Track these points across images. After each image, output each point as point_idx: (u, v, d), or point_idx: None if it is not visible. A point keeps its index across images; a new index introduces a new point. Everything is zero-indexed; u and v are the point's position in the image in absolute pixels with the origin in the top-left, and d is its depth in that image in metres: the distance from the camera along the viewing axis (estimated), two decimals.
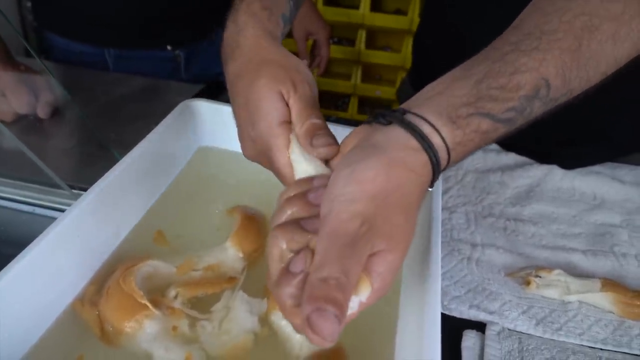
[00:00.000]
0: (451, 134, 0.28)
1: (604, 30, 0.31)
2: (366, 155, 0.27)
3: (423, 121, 0.28)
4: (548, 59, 0.30)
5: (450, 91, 0.29)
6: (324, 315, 0.22)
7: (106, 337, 0.37)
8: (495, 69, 0.29)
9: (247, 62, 0.37)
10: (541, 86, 0.30)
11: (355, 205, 0.25)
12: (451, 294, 0.49)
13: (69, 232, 0.39)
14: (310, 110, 0.36)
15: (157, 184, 0.53)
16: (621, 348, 0.44)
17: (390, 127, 0.29)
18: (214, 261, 0.41)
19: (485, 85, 0.29)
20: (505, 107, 0.29)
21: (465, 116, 0.28)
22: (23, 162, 0.53)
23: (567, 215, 0.59)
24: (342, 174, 0.27)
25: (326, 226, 0.25)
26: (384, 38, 1.82)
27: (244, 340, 0.36)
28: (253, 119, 0.36)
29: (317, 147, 0.34)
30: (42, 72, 0.69)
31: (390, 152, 0.27)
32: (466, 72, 0.30)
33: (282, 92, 0.36)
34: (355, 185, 0.26)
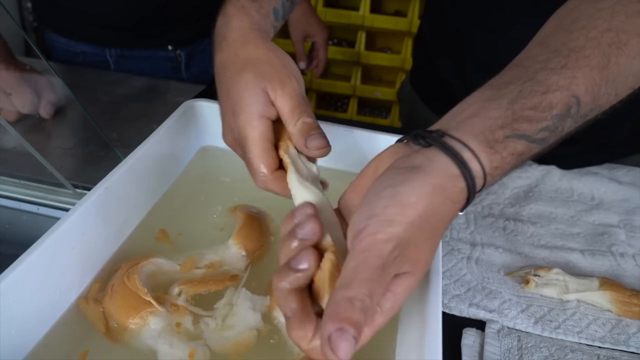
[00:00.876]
0: (489, 159, 0.28)
1: (632, 45, 0.31)
2: (409, 178, 0.27)
3: (463, 146, 0.28)
4: (578, 77, 0.29)
5: (485, 112, 0.29)
6: (345, 336, 0.23)
7: (111, 333, 0.37)
8: (527, 88, 0.29)
9: (232, 54, 0.38)
10: (572, 104, 0.29)
11: (393, 228, 0.25)
12: (451, 292, 0.49)
13: (74, 230, 0.39)
14: (301, 108, 0.36)
15: (160, 183, 0.53)
16: (619, 346, 0.45)
17: (431, 149, 0.28)
18: (217, 259, 0.42)
19: (520, 105, 0.29)
20: (539, 127, 0.29)
21: (502, 139, 0.28)
22: (27, 161, 0.53)
23: (566, 215, 0.60)
24: (384, 193, 0.26)
25: (360, 243, 0.25)
26: (383, 39, 1.83)
27: (247, 336, 0.37)
28: (234, 109, 0.37)
29: (312, 149, 0.35)
30: (46, 72, 0.69)
31: (433, 178, 0.27)
32: (498, 92, 0.30)
33: (267, 90, 0.36)
34: (397, 208, 0.26)
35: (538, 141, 0.29)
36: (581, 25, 0.31)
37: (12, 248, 0.38)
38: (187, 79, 0.94)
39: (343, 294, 0.24)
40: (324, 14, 1.69)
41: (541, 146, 0.30)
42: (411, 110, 0.82)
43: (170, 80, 0.84)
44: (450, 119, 0.30)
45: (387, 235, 0.25)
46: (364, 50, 1.73)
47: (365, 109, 1.93)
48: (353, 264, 0.25)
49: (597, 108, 0.31)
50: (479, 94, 0.30)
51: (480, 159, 0.28)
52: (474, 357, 0.43)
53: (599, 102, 0.31)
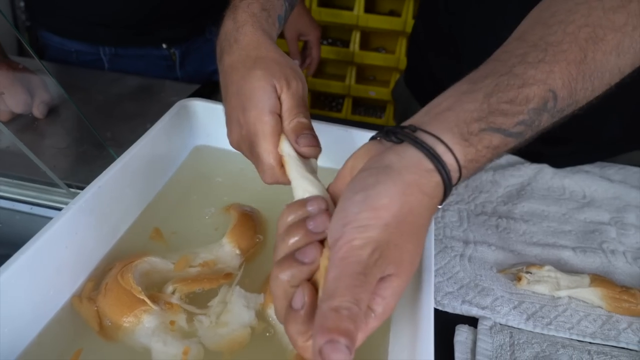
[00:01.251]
0: (463, 151, 0.27)
1: (608, 41, 0.31)
2: (380, 179, 0.26)
3: (436, 140, 0.27)
4: (555, 71, 0.29)
5: (460, 106, 0.29)
6: (336, 347, 0.22)
7: (105, 332, 0.37)
8: (504, 82, 0.29)
9: (244, 56, 0.39)
10: (549, 98, 0.29)
11: (369, 233, 0.25)
12: (444, 289, 0.49)
13: (67, 229, 0.39)
14: (299, 109, 0.37)
15: (154, 182, 0.53)
16: (609, 342, 0.45)
17: (402, 145, 0.28)
18: (211, 257, 0.42)
19: (495, 99, 0.28)
20: (515, 120, 0.29)
21: (477, 132, 0.28)
22: (21, 161, 0.53)
23: (558, 213, 0.60)
24: (355, 198, 0.26)
25: (338, 252, 0.25)
26: (378, 39, 1.83)
27: (241, 334, 0.37)
28: (244, 106, 0.37)
29: (301, 146, 0.36)
30: (39, 71, 0.69)
31: (404, 176, 0.26)
32: (474, 85, 0.29)
33: (275, 86, 0.37)
34: (369, 212, 0.25)
35: (514, 135, 0.29)
36: (559, 20, 0.31)
37: (6, 248, 0.38)
38: (181, 78, 0.93)
39: (329, 304, 0.23)
40: (319, 14, 1.69)
41: (517, 140, 0.29)
42: (405, 110, 0.82)
43: (165, 80, 0.84)
44: (425, 113, 0.30)
45: (363, 241, 0.25)
46: (359, 50, 1.73)
47: (360, 108, 1.93)
48: (334, 274, 0.24)
49: (573, 103, 0.31)
50: (455, 88, 0.30)
51: (455, 152, 0.27)
52: (467, 353, 0.44)
53: (576, 97, 0.31)
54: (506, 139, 0.29)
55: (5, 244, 0.54)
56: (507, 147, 0.29)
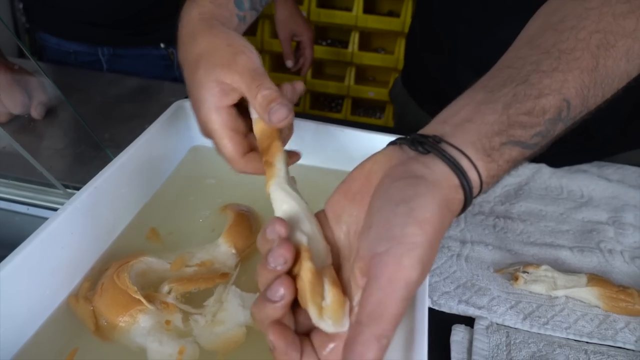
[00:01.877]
0: (486, 167, 0.27)
1: (618, 47, 0.30)
2: (420, 192, 0.25)
3: (461, 154, 0.27)
4: (569, 80, 0.29)
5: (480, 117, 0.28)
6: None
7: (100, 331, 0.37)
8: (521, 92, 0.28)
9: (185, 52, 0.40)
10: (564, 108, 0.29)
11: (418, 250, 0.24)
12: (441, 289, 0.49)
13: (64, 229, 0.39)
14: (256, 82, 0.36)
15: (151, 182, 0.53)
16: (606, 341, 0.45)
17: (429, 157, 0.27)
18: (207, 257, 0.42)
19: (514, 110, 0.28)
20: (533, 132, 0.28)
21: (498, 147, 0.27)
22: (17, 161, 0.53)
23: (555, 212, 0.60)
24: (398, 210, 0.25)
25: (385, 269, 0.23)
26: (377, 40, 1.84)
27: (236, 333, 0.37)
28: (196, 105, 0.39)
29: (275, 122, 0.35)
30: (35, 73, 0.69)
31: (443, 190, 0.26)
32: (492, 95, 0.29)
33: (219, 79, 0.37)
34: (415, 227, 0.24)
35: (531, 146, 0.29)
36: (570, 26, 0.31)
37: (2, 248, 0.38)
38: (180, 77, 0.94)
39: (372, 331, 0.22)
40: (317, 15, 1.70)
41: (532, 151, 0.29)
42: (403, 109, 0.82)
43: (163, 81, 0.84)
44: (444, 121, 0.29)
45: (413, 260, 0.23)
46: (358, 50, 1.74)
47: (359, 109, 1.93)
48: (380, 296, 0.23)
49: (585, 110, 0.31)
50: (470, 95, 0.29)
51: (478, 168, 0.26)
52: (463, 353, 0.44)
53: (587, 104, 0.31)
54: (524, 150, 0.28)
55: (1, 245, 0.54)
56: (524, 158, 0.29)
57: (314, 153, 0.56)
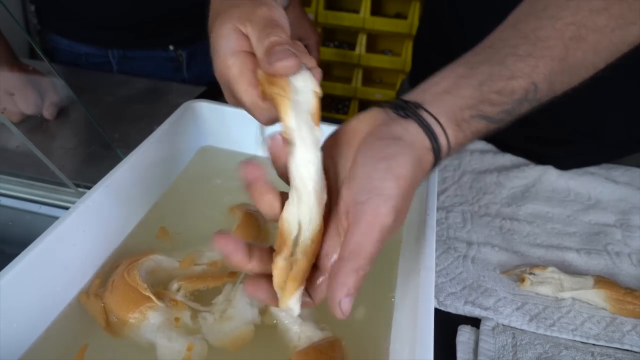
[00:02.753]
0: (454, 135, 0.31)
1: (588, 41, 0.33)
2: (399, 151, 0.29)
3: (435, 122, 0.30)
4: (540, 66, 0.32)
5: (457, 90, 0.31)
6: (350, 299, 0.27)
7: (111, 327, 0.38)
8: (496, 72, 0.32)
9: (212, 18, 0.37)
10: (531, 90, 0.32)
11: (392, 202, 0.28)
12: (447, 290, 0.50)
13: (75, 227, 0.40)
14: (268, 30, 0.33)
15: (160, 182, 0.54)
16: (613, 344, 0.45)
17: (409, 121, 0.31)
18: (217, 257, 0.42)
19: (487, 88, 0.31)
20: (499, 109, 0.32)
21: (468, 119, 0.31)
22: (30, 161, 0.54)
23: (562, 214, 0.60)
24: (379, 166, 0.29)
25: (364, 216, 0.27)
26: (384, 42, 1.84)
27: (244, 330, 0.37)
28: (215, 61, 0.36)
29: (273, 63, 0.31)
30: (48, 74, 0.70)
31: (417, 151, 0.30)
32: (471, 70, 0.32)
33: (237, 26, 0.34)
34: (393, 182, 0.28)
35: (496, 121, 0.32)
36: (550, 15, 0.33)
37: (15, 246, 0.39)
38: (188, 79, 0.95)
39: (352, 265, 0.27)
40: (325, 17, 1.70)
41: (497, 126, 0.33)
42: None
43: (172, 82, 0.85)
44: (425, 90, 0.32)
45: (388, 209, 0.28)
46: (365, 52, 1.74)
47: None
48: (359, 237, 0.27)
49: (551, 94, 0.34)
50: (453, 68, 0.33)
51: (448, 135, 0.30)
52: (469, 353, 0.44)
53: (554, 89, 0.34)
54: (489, 125, 0.32)
55: (14, 242, 0.55)
56: (488, 131, 0.33)
57: None
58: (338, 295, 0.27)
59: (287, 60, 0.30)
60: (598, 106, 0.60)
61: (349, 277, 0.27)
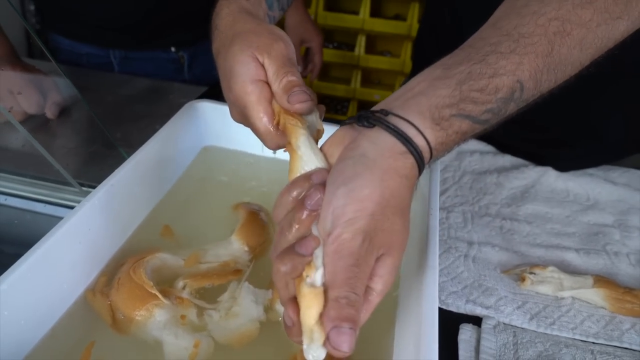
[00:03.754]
0: (434, 135, 0.29)
1: (573, 36, 0.32)
2: (359, 170, 0.28)
3: (407, 124, 0.29)
4: (524, 63, 0.31)
5: (432, 91, 0.30)
6: (341, 331, 0.25)
7: (117, 325, 0.38)
8: (476, 70, 0.30)
9: (223, 38, 0.39)
10: (516, 89, 0.31)
11: (356, 225, 0.27)
12: (448, 289, 0.50)
13: (81, 225, 0.40)
14: (286, 68, 0.36)
15: (164, 181, 0.54)
16: (612, 342, 0.46)
17: (375, 130, 0.30)
18: (223, 255, 0.43)
19: (467, 86, 0.30)
20: (484, 109, 0.30)
21: (447, 117, 0.30)
22: (33, 160, 0.54)
23: (561, 215, 0.61)
24: (339, 192, 0.28)
25: (330, 247, 0.27)
26: (383, 43, 1.84)
27: (250, 328, 0.38)
28: (230, 83, 0.38)
29: (293, 104, 0.35)
30: (52, 73, 0.70)
31: (381, 163, 0.28)
32: (447, 71, 0.31)
33: (255, 55, 0.37)
34: (354, 205, 0.27)
35: (481, 122, 0.31)
36: (532, 11, 0.32)
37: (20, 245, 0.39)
38: (189, 80, 0.95)
39: (329, 296, 0.26)
40: (324, 18, 1.71)
41: (483, 126, 0.31)
42: None
43: (174, 82, 0.85)
44: (396, 98, 0.31)
45: (352, 234, 0.27)
46: (364, 53, 1.74)
47: None
48: (330, 268, 0.27)
49: (538, 93, 0.33)
50: (428, 72, 0.32)
51: (425, 135, 0.29)
52: (471, 351, 0.44)
53: (540, 88, 0.33)
54: (474, 125, 0.31)
55: (19, 241, 0.56)
56: (474, 132, 0.31)
57: None
58: (331, 335, 0.25)
59: (305, 103, 0.35)
60: (597, 108, 0.61)
61: (329, 309, 0.26)
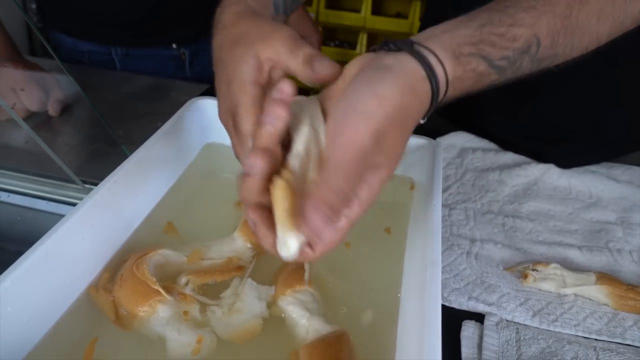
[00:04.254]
0: (452, 67, 0.31)
1: (592, 4, 0.34)
2: (384, 75, 0.29)
3: (430, 53, 0.30)
4: (542, 19, 0.33)
5: (455, 30, 0.32)
6: (322, 212, 0.25)
7: (120, 320, 0.38)
8: (496, 18, 0.32)
9: (227, 34, 0.39)
10: (532, 42, 0.33)
11: (373, 121, 0.27)
12: (451, 286, 0.50)
13: (84, 222, 0.40)
14: (298, 44, 0.35)
15: (166, 178, 0.54)
16: (615, 338, 0.46)
17: (400, 53, 0.31)
18: (225, 249, 0.43)
19: (487, 30, 0.32)
20: (501, 54, 0.32)
21: (466, 54, 0.31)
22: (36, 157, 0.55)
23: (564, 212, 0.61)
24: (361, 88, 0.28)
25: (342, 136, 0.27)
26: None
27: (252, 324, 0.38)
28: (229, 79, 0.38)
29: (320, 72, 0.34)
30: (54, 71, 0.70)
31: (404, 77, 0.29)
32: (470, 16, 0.33)
33: (257, 54, 0.36)
34: (375, 101, 0.27)
35: (497, 67, 0.32)
36: None
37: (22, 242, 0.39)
38: (190, 77, 0.95)
39: (326, 185, 0.26)
40: (326, 16, 1.71)
41: (498, 74, 0.33)
42: None
43: (175, 80, 0.86)
44: (422, 34, 0.33)
45: (368, 128, 0.27)
46: (366, 51, 1.74)
47: None
48: (336, 157, 0.26)
49: (553, 55, 0.34)
50: (454, 19, 0.33)
51: (445, 65, 0.30)
52: (473, 348, 0.44)
53: (556, 50, 0.34)
54: (489, 69, 0.32)
55: (22, 238, 0.56)
56: (489, 78, 0.33)
57: None
58: (313, 219, 0.25)
59: (331, 68, 0.34)
60: (599, 105, 0.61)
61: (324, 198, 0.25)
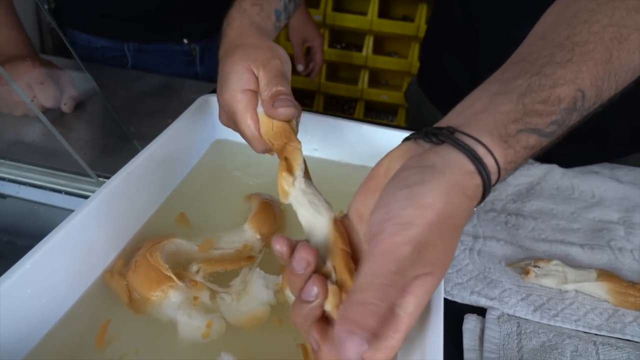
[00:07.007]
0: (503, 153, 0.28)
1: (632, 41, 0.31)
2: (425, 178, 0.26)
3: (476, 142, 0.28)
4: (583, 71, 0.30)
5: (495, 107, 0.29)
6: (354, 338, 0.23)
7: (134, 304, 0.39)
8: (536, 82, 0.29)
9: (227, 47, 0.42)
10: (578, 98, 0.30)
11: (411, 231, 0.25)
12: (453, 280, 0.51)
13: (99, 210, 0.42)
14: (277, 80, 0.39)
15: (177, 172, 0.56)
16: (615, 334, 0.46)
17: (443, 147, 0.28)
18: (235, 239, 0.44)
19: (530, 99, 0.29)
20: (549, 120, 0.29)
21: (514, 134, 0.28)
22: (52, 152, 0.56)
23: (566, 211, 0.62)
24: (399, 194, 0.26)
25: (377, 247, 0.25)
26: (391, 44, 1.86)
27: (260, 311, 0.39)
28: (222, 89, 0.41)
29: (277, 108, 0.38)
30: (71, 68, 0.72)
31: (449, 177, 0.26)
32: (505, 86, 0.30)
33: (251, 67, 0.40)
34: (414, 210, 0.25)
35: (548, 135, 0.29)
36: (583, 20, 0.32)
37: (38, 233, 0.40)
38: (201, 73, 0.97)
39: (358, 297, 0.24)
40: (333, 18, 1.72)
41: (549, 139, 0.30)
42: (418, 109, 0.84)
43: (185, 78, 0.87)
44: (458, 114, 0.30)
45: (404, 238, 0.25)
46: (372, 54, 1.76)
47: (372, 112, 1.95)
48: (370, 269, 0.25)
49: (599, 101, 0.32)
50: (484, 88, 0.31)
51: (495, 154, 0.28)
52: (475, 340, 0.45)
53: (601, 96, 0.32)
54: (541, 138, 0.29)
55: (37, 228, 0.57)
56: (541, 146, 0.30)
57: (330, 147, 0.59)
58: (340, 333, 0.23)
59: (289, 109, 0.38)
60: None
61: (353, 312, 0.23)
